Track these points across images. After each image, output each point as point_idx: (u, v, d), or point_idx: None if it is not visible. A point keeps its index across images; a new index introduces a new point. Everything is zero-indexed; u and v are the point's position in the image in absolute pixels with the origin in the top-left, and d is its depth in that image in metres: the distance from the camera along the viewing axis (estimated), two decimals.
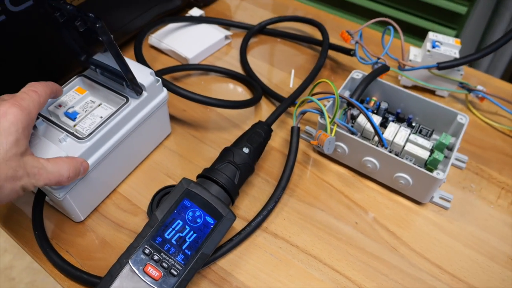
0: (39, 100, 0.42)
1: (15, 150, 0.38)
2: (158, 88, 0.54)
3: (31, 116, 0.41)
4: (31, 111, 0.41)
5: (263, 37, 0.78)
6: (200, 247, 0.44)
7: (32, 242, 0.50)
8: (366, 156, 0.53)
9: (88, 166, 0.46)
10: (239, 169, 0.50)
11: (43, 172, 0.40)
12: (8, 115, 0.38)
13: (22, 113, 0.39)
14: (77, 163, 0.44)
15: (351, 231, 0.51)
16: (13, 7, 0.51)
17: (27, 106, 0.40)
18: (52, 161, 0.42)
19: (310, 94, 0.57)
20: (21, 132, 0.39)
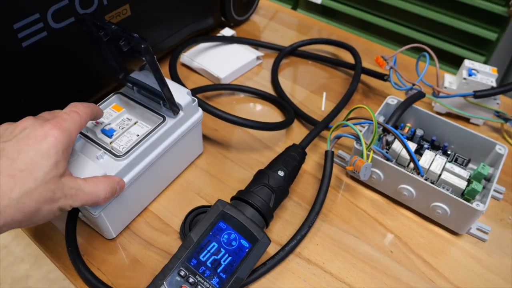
0: (80, 121, 0.42)
1: (54, 173, 0.38)
2: (194, 107, 0.54)
3: (71, 138, 0.40)
4: (71, 133, 0.40)
5: (294, 59, 0.78)
6: (235, 270, 0.43)
7: (63, 257, 0.49)
8: (402, 183, 0.52)
9: (124, 184, 0.46)
10: (274, 192, 0.49)
11: (80, 193, 0.40)
12: (48, 137, 0.38)
13: (63, 135, 0.39)
14: (113, 183, 0.44)
15: (386, 259, 0.50)
16: (55, 24, 0.52)
17: (67, 128, 0.40)
18: (89, 181, 0.42)
19: (345, 119, 0.57)
20: (60, 154, 0.38)
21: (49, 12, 0.51)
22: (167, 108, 0.51)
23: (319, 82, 0.74)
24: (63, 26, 0.53)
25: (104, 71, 0.61)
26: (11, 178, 0.35)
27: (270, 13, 0.91)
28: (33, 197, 0.36)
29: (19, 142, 0.37)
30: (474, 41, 0.99)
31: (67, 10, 0.53)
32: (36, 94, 0.55)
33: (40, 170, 0.36)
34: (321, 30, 0.86)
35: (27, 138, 0.38)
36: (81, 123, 0.42)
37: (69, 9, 0.53)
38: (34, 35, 0.50)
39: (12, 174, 0.35)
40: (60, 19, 0.52)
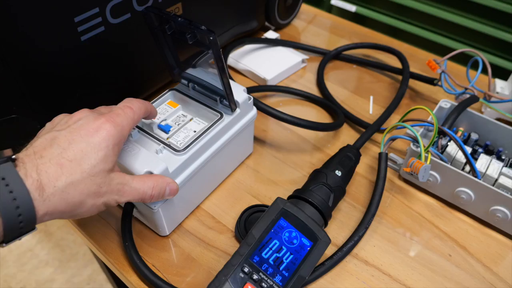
0: (133, 117, 0.42)
1: (102, 166, 0.37)
2: (249, 105, 0.53)
3: (123, 133, 0.40)
4: (124, 128, 0.40)
5: (338, 63, 0.78)
6: (297, 269, 0.43)
7: (115, 252, 0.49)
8: (461, 186, 0.51)
9: (176, 187, 0.45)
10: (333, 191, 0.49)
11: (127, 189, 0.40)
12: (101, 131, 0.38)
13: (115, 130, 0.39)
14: (162, 183, 0.43)
15: (445, 263, 0.49)
16: (112, 19, 0.52)
17: (120, 123, 0.39)
18: (137, 178, 0.41)
19: (401, 120, 0.56)
20: (111, 149, 0.38)
21: (108, 7, 0.51)
22: (223, 105, 0.51)
23: (364, 86, 0.73)
24: (120, 22, 0.53)
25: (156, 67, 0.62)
26: (59, 167, 0.35)
27: (309, 17, 0.91)
28: (78, 188, 0.36)
29: (71, 132, 0.37)
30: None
31: (124, 6, 0.53)
32: (91, 88, 0.55)
33: (88, 162, 0.36)
34: (362, 35, 0.85)
35: (80, 129, 0.37)
36: (135, 119, 0.42)
37: (127, 5, 0.53)
38: (92, 29, 0.51)
39: (60, 163, 0.35)
40: (118, 14, 0.52)
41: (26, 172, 0.34)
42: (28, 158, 0.35)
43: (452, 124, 0.56)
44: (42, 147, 0.36)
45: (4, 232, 0.32)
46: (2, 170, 0.33)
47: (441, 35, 0.83)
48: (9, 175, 0.33)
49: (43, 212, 0.34)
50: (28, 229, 0.34)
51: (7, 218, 0.32)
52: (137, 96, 0.58)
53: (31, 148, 0.36)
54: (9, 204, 0.32)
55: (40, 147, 0.36)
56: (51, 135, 0.37)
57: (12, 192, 0.32)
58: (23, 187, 0.33)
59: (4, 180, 0.32)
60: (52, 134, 0.37)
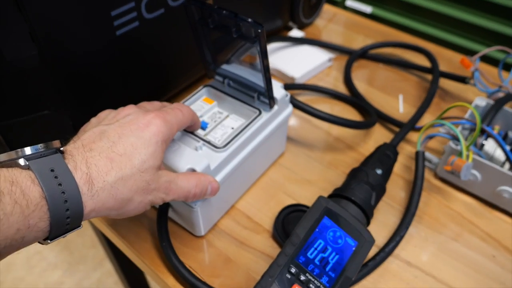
0: (182, 119, 0.41)
1: (151, 163, 0.36)
2: (286, 102, 0.52)
3: (172, 132, 0.39)
4: (173, 126, 0.39)
5: (364, 62, 0.77)
6: (343, 269, 0.41)
7: (150, 253, 0.48)
8: (503, 185, 0.50)
9: (217, 186, 0.43)
10: (374, 189, 0.47)
11: (174, 187, 0.39)
12: (151, 126, 0.37)
13: (165, 126, 0.38)
14: (205, 181, 0.42)
15: (489, 264, 0.48)
16: (147, 14, 0.51)
17: (170, 120, 0.39)
18: (182, 176, 0.40)
19: (438, 118, 0.55)
20: (160, 145, 0.37)
21: (143, 1, 0.50)
22: (260, 102, 0.50)
23: (392, 84, 0.72)
24: (154, 17, 0.52)
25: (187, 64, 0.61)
26: (109, 161, 0.33)
27: (329, 16, 0.90)
28: (128, 184, 0.34)
29: (122, 126, 0.36)
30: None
31: (159, 1, 0.52)
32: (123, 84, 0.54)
33: (138, 157, 0.35)
34: (383, 33, 0.84)
35: (130, 124, 0.36)
36: (183, 121, 0.41)
37: (161, 0, 0.52)
38: (128, 24, 0.50)
39: (110, 157, 0.34)
40: (152, 9, 0.51)
41: (76, 165, 0.32)
42: (77, 151, 0.33)
43: (490, 122, 0.55)
44: (91, 140, 0.34)
45: (50, 228, 0.30)
46: (51, 161, 0.31)
47: (462, 36, 0.81)
48: (59, 167, 0.31)
49: (91, 208, 0.32)
50: (74, 225, 0.32)
51: (55, 213, 0.30)
52: (167, 92, 0.57)
53: (79, 141, 0.34)
54: (58, 198, 0.30)
55: (88, 140, 0.34)
56: (99, 129, 0.36)
57: (61, 185, 0.30)
58: (72, 180, 0.31)
59: (53, 172, 0.31)
60: (100, 128, 0.36)
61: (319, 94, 0.69)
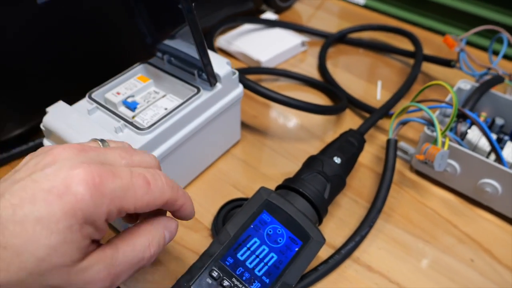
0: (141, 193, 0.26)
1: (57, 260, 0.23)
2: (234, 81, 0.45)
3: (108, 210, 0.25)
4: (111, 201, 0.25)
5: (343, 47, 0.70)
6: (281, 274, 0.34)
7: None
8: (485, 178, 0.43)
9: (176, 225, 0.31)
10: (329, 181, 0.40)
11: (117, 271, 0.26)
12: (67, 195, 0.23)
13: (93, 198, 0.24)
14: (157, 231, 0.29)
15: (466, 270, 0.40)
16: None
17: (110, 191, 0.24)
18: (123, 245, 0.27)
19: (413, 101, 0.48)
20: (75, 231, 0.23)
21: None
22: (202, 80, 0.43)
23: (372, 71, 0.65)
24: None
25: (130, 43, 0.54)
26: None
27: (314, 2, 0.82)
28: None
29: (25, 187, 0.23)
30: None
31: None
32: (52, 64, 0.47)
33: (32, 252, 0.22)
34: (371, 20, 0.76)
35: (39, 183, 0.23)
36: (140, 198, 0.26)
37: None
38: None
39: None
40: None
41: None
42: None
43: (473, 106, 0.47)
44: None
45: None
46: None
47: (459, 27, 0.73)
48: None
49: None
50: None
51: None
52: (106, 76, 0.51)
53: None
54: None
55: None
56: (2, 186, 0.24)
57: None
58: None
59: None
60: (3, 184, 0.24)
61: (289, 81, 0.62)
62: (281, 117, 0.56)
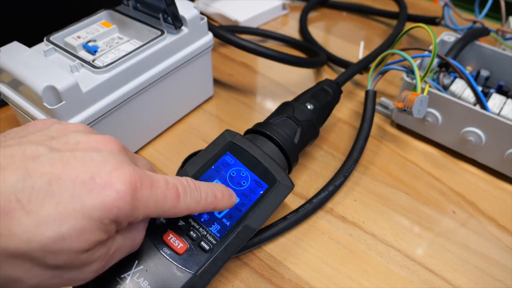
0: (190, 206, 0.26)
1: (72, 244, 0.21)
2: (202, 27, 0.43)
3: (139, 214, 0.23)
4: (149, 206, 0.24)
5: (326, 10, 0.67)
6: (243, 217, 0.31)
7: None
8: (468, 126, 0.40)
9: None
10: (300, 125, 0.37)
11: (116, 256, 0.25)
12: (107, 189, 0.22)
13: (133, 201, 0.22)
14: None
15: (447, 221, 0.38)
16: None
17: (155, 196, 0.24)
18: (126, 235, 0.25)
19: (392, 48, 0.45)
20: (102, 226, 0.22)
21: None
22: (168, 23, 0.41)
23: (355, 33, 0.62)
24: None
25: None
26: (3, 214, 0.19)
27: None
28: (16, 262, 0.20)
29: (66, 162, 0.21)
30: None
31: None
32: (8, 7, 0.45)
33: (52, 229, 0.20)
34: None
35: (82, 165, 0.22)
36: (166, 210, 0.25)
37: None
38: None
39: (9, 208, 0.19)
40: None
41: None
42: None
43: (457, 55, 0.45)
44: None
45: None
46: None
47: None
48: None
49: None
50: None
51: None
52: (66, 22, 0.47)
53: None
54: None
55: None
56: (30, 149, 0.22)
57: None
58: None
59: None
60: (31, 148, 0.22)
61: (270, 42, 0.59)
62: (258, 76, 0.53)
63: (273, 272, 0.34)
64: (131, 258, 0.28)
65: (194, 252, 0.29)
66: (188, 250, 0.29)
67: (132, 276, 0.28)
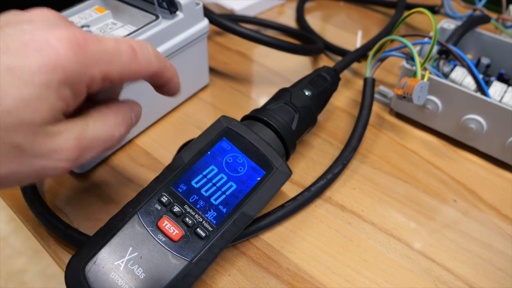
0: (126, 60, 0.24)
1: (26, 115, 0.20)
2: (198, 13, 0.42)
3: (92, 73, 0.22)
4: (96, 63, 0.22)
5: (323, 1, 0.66)
6: (240, 203, 0.31)
7: (18, 196, 0.37)
8: (469, 113, 0.39)
9: (140, 110, 0.29)
10: (297, 112, 0.37)
11: (84, 144, 0.23)
12: (46, 50, 0.21)
13: (76, 58, 0.21)
14: (127, 110, 0.27)
15: (448, 210, 0.37)
16: None
17: (93, 52, 0.22)
18: (94, 117, 0.24)
19: (392, 34, 0.44)
20: (53, 89, 0.21)
21: None
22: (163, 8, 0.40)
23: (353, 22, 0.61)
24: None
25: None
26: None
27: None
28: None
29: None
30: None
31: None
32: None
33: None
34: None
35: (15, 36, 0.21)
36: (127, 66, 0.24)
37: None
38: None
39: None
40: None
41: None
42: None
43: (457, 42, 0.44)
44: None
45: None
46: None
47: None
48: None
49: None
50: None
51: None
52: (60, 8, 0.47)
53: None
54: None
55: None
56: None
57: None
58: None
59: None
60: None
61: (266, 31, 0.58)
62: (254, 64, 0.52)
63: (271, 261, 0.33)
64: (125, 244, 0.27)
65: (189, 239, 0.28)
66: (183, 237, 0.28)
67: (126, 263, 0.27)
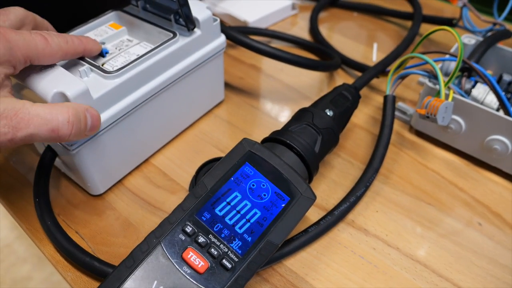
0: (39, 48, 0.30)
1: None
2: (215, 29, 0.41)
3: (15, 56, 0.28)
4: (18, 49, 0.28)
5: (336, 11, 0.65)
6: (265, 232, 0.30)
7: (32, 216, 0.36)
8: (493, 134, 0.39)
9: (97, 115, 0.32)
10: (320, 134, 0.36)
11: (24, 117, 0.27)
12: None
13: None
14: (79, 108, 0.30)
15: (473, 234, 0.36)
16: None
17: (14, 40, 0.28)
18: (41, 105, 0.28)
19: (413, 51, 0.43)
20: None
21: None
22: (180, 25, 0.39)
23: (367, 34, 0.60)
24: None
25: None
26: None
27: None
28: None
29: None
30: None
31: None
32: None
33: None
34: None
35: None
36: (42, 52, 0.30)
37: None
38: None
39: None
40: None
41: None
42: None
43: (479, 59, 0.43)
44: None
45: None
46: None
47: None
48: None
49: None
50: None
51: None
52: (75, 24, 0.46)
53: None
54: None
55: None
56: None
57: None
58: None
59: None
60: None
61: (280, 43, 0.57)
62: (269, 79, 0.51)
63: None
64: (150, 277, 0.26)
65: (215, 271, 0.28)
66: (209, 269, 0.28)
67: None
